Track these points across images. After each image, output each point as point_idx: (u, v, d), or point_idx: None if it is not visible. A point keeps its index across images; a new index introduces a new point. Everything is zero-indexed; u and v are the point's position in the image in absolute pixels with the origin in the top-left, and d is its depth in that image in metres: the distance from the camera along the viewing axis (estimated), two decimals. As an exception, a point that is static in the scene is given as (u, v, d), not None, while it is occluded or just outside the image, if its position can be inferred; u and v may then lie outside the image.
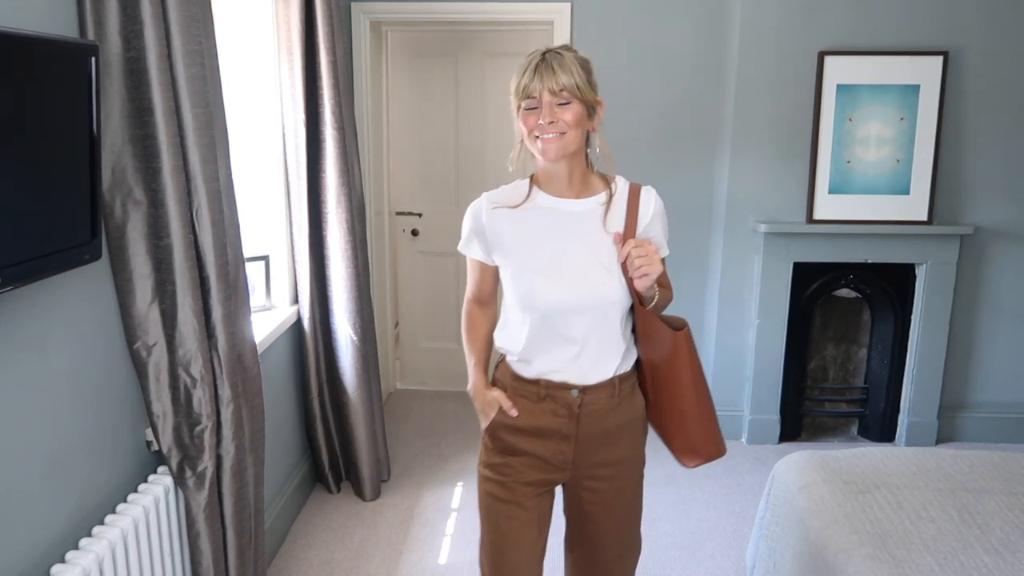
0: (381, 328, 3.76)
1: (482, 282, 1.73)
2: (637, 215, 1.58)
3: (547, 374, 1.61)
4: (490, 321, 1.77)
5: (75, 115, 1.38)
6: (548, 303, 1.55)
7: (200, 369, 1.80)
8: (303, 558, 2.70)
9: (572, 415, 1.61)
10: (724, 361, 3.67)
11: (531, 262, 1.57)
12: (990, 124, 3.39)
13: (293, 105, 2.74)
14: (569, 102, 1.49)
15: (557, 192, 1.59)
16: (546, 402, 1.62)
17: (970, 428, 3.71)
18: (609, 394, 1.62)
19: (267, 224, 2.85)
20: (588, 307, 1.56)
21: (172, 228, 1.71)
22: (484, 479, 1.70)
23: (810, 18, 3.31)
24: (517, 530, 1.67)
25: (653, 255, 1.48)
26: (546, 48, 1.52)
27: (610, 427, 1.64)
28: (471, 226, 1.64)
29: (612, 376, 1.61)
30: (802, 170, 3.43)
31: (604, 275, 1.55)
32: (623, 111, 3.61)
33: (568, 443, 1.63)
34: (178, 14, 1.69)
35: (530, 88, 1.48)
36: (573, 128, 1.49)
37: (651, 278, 1.49)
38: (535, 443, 1.64)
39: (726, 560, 2.69)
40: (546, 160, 1.53)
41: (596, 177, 1.63)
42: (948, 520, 1.95)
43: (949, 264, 3.45)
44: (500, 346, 1.69)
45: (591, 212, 1.58)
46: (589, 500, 1.70)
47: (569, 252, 1.56)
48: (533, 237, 1.58)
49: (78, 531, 1.60)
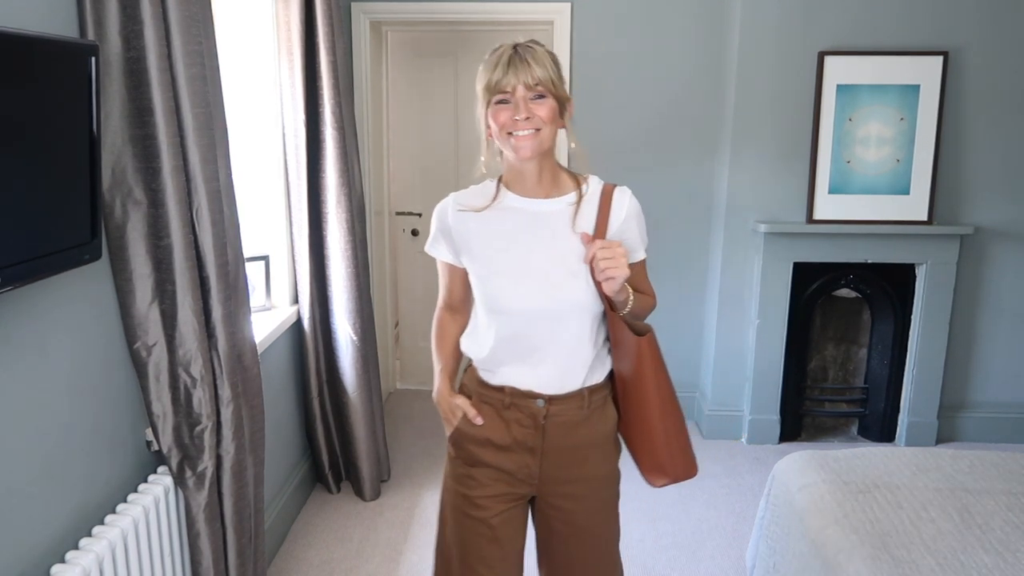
0: (381, 328, 3.76)
1: (452, 286, 1.65)
2: (609, 216, 1.50)
3: (513, 381, 1.54)
4: (460, 328, 1.68)
5: (75, 115, 1.38)
6: (512, 307, 1.49)
7: (200, 369, 1.80)
8: (303, 558, 2.70)
9: (537, 426, 1.54)
10: (724, 361, 3.67)
11: (496, 264, 1.51)
12: (990, 124, 3.40)
13: (293, 105, 2.74)
14: (544, 96, 1.41)
15: (525, 192, 1.52)
16: (511, 411, 1.55)
17: (970, 428, 3.71)
18: (578, 405, 1.54)
19: (267, 224, 2.85)
20: (554, 311, 1.49)
21: (172, 228, 1.71)
22: (448, 490, 1.64)
23: (810, 18, 3.31)
24: (484, 546, 1.59)
25: (620, 257, 1.41)
26: (514, 42, 1.44)
27: (579, 441, 1.56)
28: (437, 227, 1.58)
29: (581, 387, 1.54)
30: (802, 170, 3.44)
31: (570, 278, 1.48)
32: (623, 111, 3.62)
33: (534, 456, 1.56)
34: (178, 14, 1.68)
35: (503, 83, 1.40)
36: (548, 124, 1.43)
37: (617, 281, 1.42)
38: (499, 456, 1.57)
39: (726, 560, 2.69)
40: (520, 158, 1.45)
41: (567, 176, 1.55)
42: (948, 520, 1.95)
43: (949, 264, 3.45)
44: (466, 351, 1.63)
45: (560, 212, 1.51)
46: (557, 518, 1.62)
47: (535, 254, 1.50)
48: (499, 239, 1.51)
49: (78, 531, 1.60)
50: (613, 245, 1.42)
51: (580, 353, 1.52)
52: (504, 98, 1.42)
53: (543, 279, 1.48)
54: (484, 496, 1.58)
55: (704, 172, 3.66)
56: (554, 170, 1.53)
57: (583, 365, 1.53)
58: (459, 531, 1.62)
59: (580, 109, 3.62)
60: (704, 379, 3.82)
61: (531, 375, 1.53)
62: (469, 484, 1.60)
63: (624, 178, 3.92)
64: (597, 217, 1.50)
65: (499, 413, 1.56)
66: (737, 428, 3.69)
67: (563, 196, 1.52)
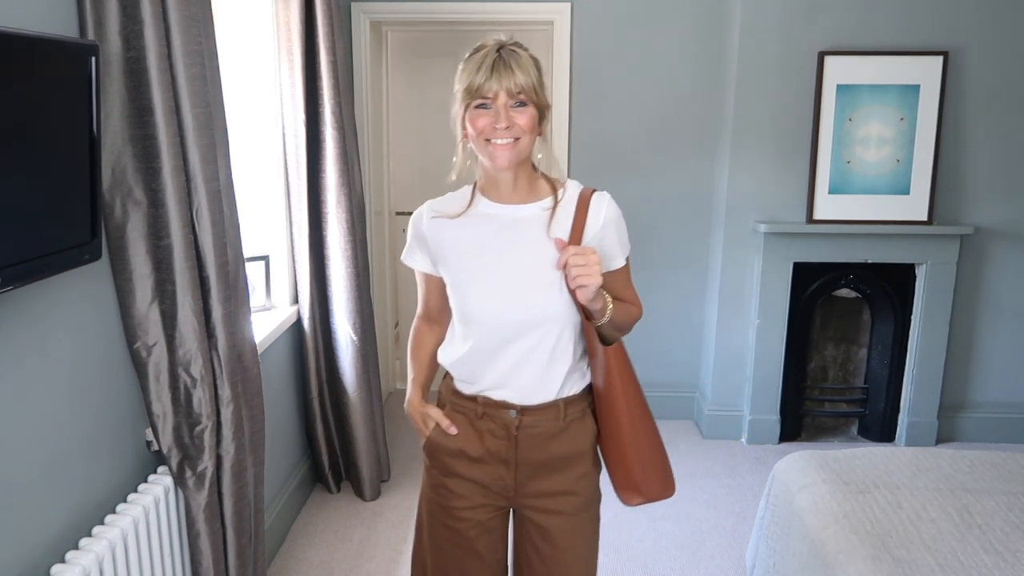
0: (381, 328, 3.76)
1: (429, 296, 1.62)
2: (585, 221, 1.45)
3: (486, 391, 1.50)
4: (436, 339, 1.64)
5: (75, 115, 1.38)
6: (484, 317, 1.45)
7: (200, 369, 1.80)
8: (303, 558, 2.70)
9: (510, 437, 1.49)
10: (724, 361, 3.67)
11: (469, 273, 1.47)
12: (990, 124, 3.40)
13: (293, 105, 2.74)
14: (525, 104, 1.36)
15: (500, 198, 1.47)
16: (484, 421, 1.51)
17: (970, 428, 3.71)
18: (553, 417, 1.49)
19: (267, 224, 2.85)
20: (527, 322, 1.43)
21: (172, 228, 1.71)
22: (425, 496, 1.62)
23: (810, 18, 3.31)
24: (461, 557, 1.57)
25: (593, 264, 1.35)
26: (498, 43, 1.38)
27: (555, 455, 1.51)
28: (413, 235, 1.55)
29: (556, 398, 1.48)
30: (802, 170, 3.44)
31: (545, 287, 1.43)
32: (623, 111, 3.62)
33: (508, 468, 1.51)
34: (178, 14, 1.68)
35: (484, 88, 1.34)
36: (528, 133, 1.38)
37: (590, 290, 1.36)
38: (472, 467, 1.53)
39: (726, 560, 2.69)
40: (497, 168, 1.41)
41: (543, 181, 1.49)
42: (948, 520, 1.95)
43: (949, 264, 3.45)
44: (442, 361, 1.58)
45: (535, 218, 1.45)
46: (534, 533, 1.56)
47: (509, 262, 1.45)
48: (473, 246, 1.47)
49: (78, 531, 1.60)
50: (587, 252, 1.36)
51: (556, 364, 1.47)
52: (484, 103, 1.37)
53: (516, 288, 1.44)
54: (460, 507, 1.55)
55: (704, 172, 3.66)
56: (530, 175, 1.48)
57: (558, 376, 1.48)
58: (435, 540, 1.59)
59: (580, 109, 3.63)
60: (704, 379, 3.82)
61: (504, 385, 1.48)
62: (445, 495, 1.56)
63: (624, 178, 3.92)
64: (573, 223, 1.45)
65: (472, 424, 1.52)
66: (737, 428, 3.69)
67: (539, 201, 1.47)
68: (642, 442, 1.52)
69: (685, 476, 3.27)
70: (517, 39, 1.42)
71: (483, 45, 1.39)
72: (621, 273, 1.53)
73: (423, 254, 1.55)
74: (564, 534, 1.54)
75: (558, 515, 1.53)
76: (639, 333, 3.73)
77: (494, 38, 1.40)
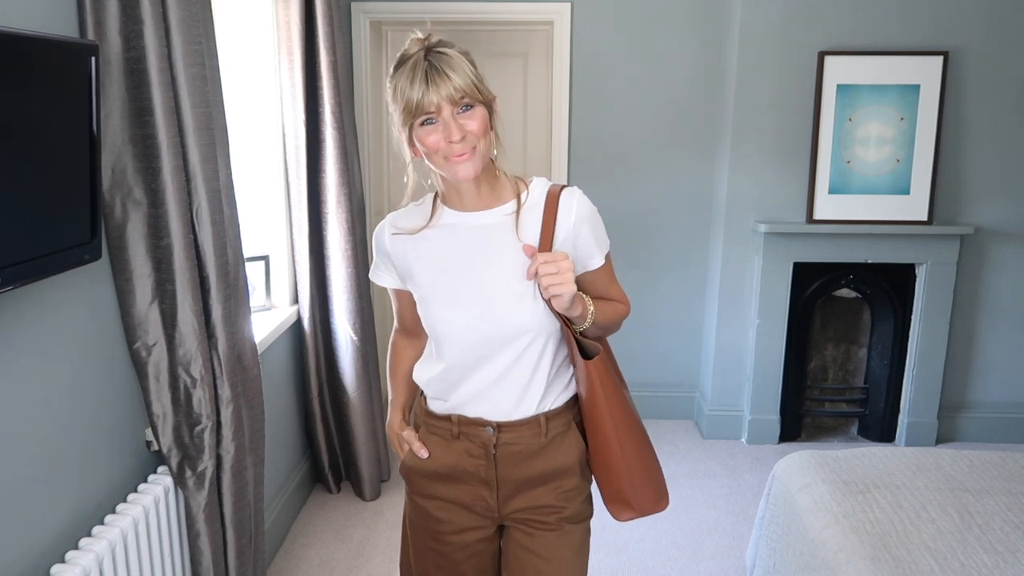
0: (381, 328, 3.76)
1: (403, 310, 1.54)
2: (555, 222, 1.34)
3: (460, 409, 1.41)
4: (416, 352, 1.55)
5: (75, 115, 1.38)
6: (452, 334, 1.36)
7: (200, 369, 1.80)
8: (303, 558, 2.70)
9: (488, 456, 1.41)
10: (724, 361, 3.67)
11: (434, 288, 1.38)
12: (990, 124, 3.39)
13: (293, 105, 2.74)
14: (471, 106, 1.26)
15: (463, 206, 1.38)
16: (460, 440, 1.42)
17: (970, 428, 3.71)
18: (534, 433, 1.40)
19: (267, 224, 2.85)
20: (498, 337, 1.35)
21: (172, 228, 1.71)
22: (409, 519, 1.56)
23: (810, 18, 3.31)
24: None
25: (565, 272, 1.26)
26: (422, 47, 1.26)
27: (538, 473, 1.42)
28: (377, 252, 1.47)
29: (536, 412, 1.40)
30: (802, 170, 3.44)
31: (515, 299, 1.33)
32: (623, 111, 3.62)
33: (489, 488, 1.43)
34: (178, 14, 1.69)
35: (424, 103, 1.23)
36: (483, 137, 1.28)
37: (564, 299, 1.27)
38: (452, 489, 1.46)
39: (726, 560, 2.69)
40: (461, 180, 1.31)
41: (506, 182, 1.38)
42: (948, 520, 1.95)
43: (949, 264, 3.45)
44: (416, 379, 1.51)
45: (500, 224, 1.36)
46: (517, 551, 1.47)
47: (475, 272, 1.36)
48: (438, 260, 1.38)
49: (78, 531, 1.60)
50: (557, 258, 1.27)
51: (535, 376, 1.38)
52: (429, 118, 1.26)
53: (485, 302, 1.35)
54: (446, 532, 1.48)
55: (704, 172, 3.66)
56: (492, 178, 1.37)
57: (537, 390, 1.39)
58: (421, 563, 1.53)
59: (580, 109, 3.63)
60: (704, 379, 3.82)
61: (479, 402, 1.40)
62: (428, 519, 1.50)
63: (624, 178, 3.92)
64: (542, 224, 1.34)
65: (449, 444, 1.44)
66: (737, 428, 3.69)
67: (503, 205, 1.37)
68: (631, 456, 1.43)
69: (685, 476, 3.27)
70: (441, 37, 1.30)
71: (406, 54, 1.27)
72: (602, 271, 1.43)
73: (388, 272, 1.47)
74: (551, 548, 1.45)
75: (544, 530, 1.45)
76: (639, 333, 3.76)
77: (412, 38, 1.28)
